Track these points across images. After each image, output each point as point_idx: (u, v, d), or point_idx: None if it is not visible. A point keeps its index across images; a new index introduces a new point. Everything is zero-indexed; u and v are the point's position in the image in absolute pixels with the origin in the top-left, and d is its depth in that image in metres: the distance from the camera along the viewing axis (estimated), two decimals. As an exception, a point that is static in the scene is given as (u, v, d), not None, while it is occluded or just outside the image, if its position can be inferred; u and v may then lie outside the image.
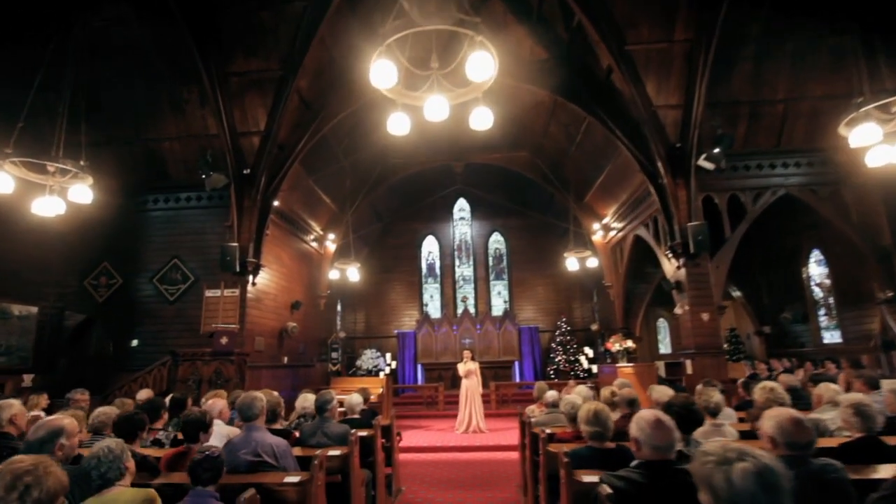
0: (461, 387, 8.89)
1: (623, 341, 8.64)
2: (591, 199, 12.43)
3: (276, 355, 9.35)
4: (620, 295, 11.79)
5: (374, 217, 14.49)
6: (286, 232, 10.31)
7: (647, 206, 9.82)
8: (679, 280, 8.47)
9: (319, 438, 3.58)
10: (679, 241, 8.20)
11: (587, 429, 2.79)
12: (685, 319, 8.30)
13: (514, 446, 7.28)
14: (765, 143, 9.12)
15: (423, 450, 7.36)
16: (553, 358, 14.13)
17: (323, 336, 12.29)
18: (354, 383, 9.38)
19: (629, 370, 8.33)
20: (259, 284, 8.77)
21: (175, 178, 8.98)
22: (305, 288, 11.18)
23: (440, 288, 16.20)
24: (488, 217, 16.44)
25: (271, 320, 9.25)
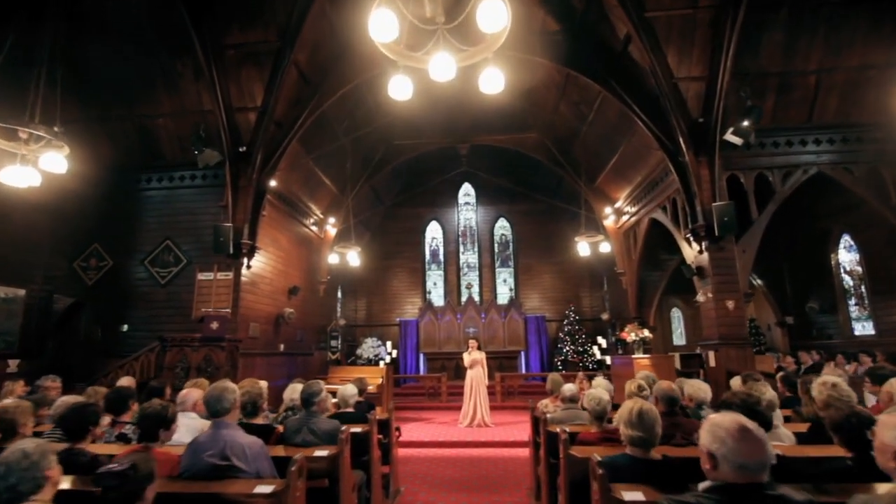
0: (466, 378, 8.45)
1: (639, 331, 8.15)
2: (602, 183, 11.87)
3: (272, 342, 8.94)
4: (634, 282, 11.28)
5: (377, 201, 14.00)
6: (284, 214, 9.85)
7: (664, 188, 9.29)
8: (701, 266, 7.94)
9: (305, 436, 3.13)
10: (702, 222, 7.66)
11: (629, 432, 2.31)
12: (708, 308, 7.78)
13: (521, 443, 6.85)
14: (795, 118, 8.44)
15: (424, 444, 6.94)
16: (561, 348, 13.67)
17: (322, 323, 11.88)
18: (353, 373, 8.97)
19: (645, 362, 7.85)
20: (254, 268, 8.34)
21: (169, 157, 8.52)
22: (304, 273, 10.73)
23: (444, 275, 15.74)
24: (494, 202, 15.90)
25: (267, 306, 8.82)
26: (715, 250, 7.71)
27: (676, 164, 8.11)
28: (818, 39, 7.64)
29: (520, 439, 6.98)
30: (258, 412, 3.28)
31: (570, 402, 4.18)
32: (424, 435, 7.47)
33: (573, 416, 4.05)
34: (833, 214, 10.22)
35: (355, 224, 13.56)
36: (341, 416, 4.10)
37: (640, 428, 2.30)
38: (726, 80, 7.36)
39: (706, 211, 7.67)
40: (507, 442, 6.92)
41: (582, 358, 13.21)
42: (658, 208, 9.64)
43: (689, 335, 13.33)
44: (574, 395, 4.19)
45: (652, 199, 9.93)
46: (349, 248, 10.34)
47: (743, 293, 7.59)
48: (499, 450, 6.73)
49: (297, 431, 3.15)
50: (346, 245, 10.42)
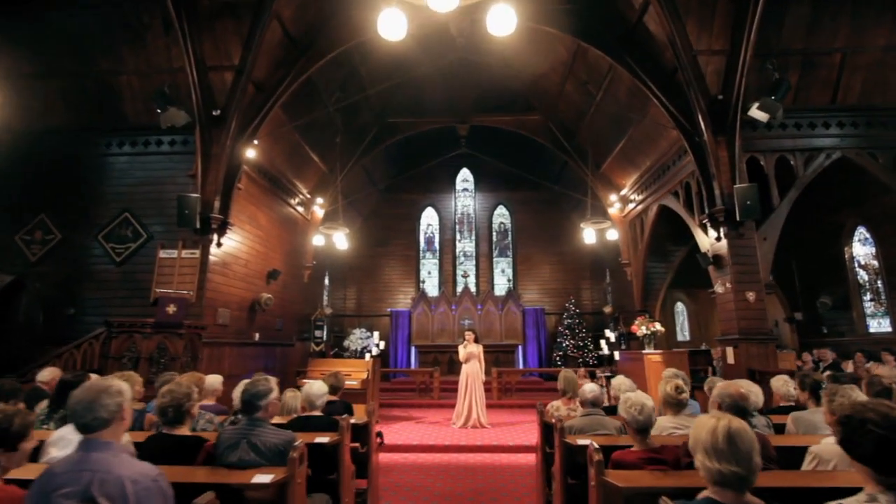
0: (461, 373, 7.64)
1: (650, 324, 7.37)
2: (608, 169, 11.08)
3: (246, 331, 8.08)
4: (640, 273, 10.50)
5: (369, 183, 13.11)
6: (265, 191, 8.95)
7: (676, 172, 8.56)
8: (719, 254, 7.20)
9: (244, 453, 2.28)
10: (721, 206, 6.96)
11: (715, 465, 1.48)
12: (726, 300, 7.06)
13: (522, 448, 6.06)
14: (818, 99, 7.93)
15: (411, 449, 6.12)
16: (560, 343, 12.91)
17: (306, 312, 11.02)
18: (336, 366, 8.11)
19: (656, 357, 7.08)
20: (227, 247, 7.47)
21: (132, 119, 7.58)
22: (286, 256, 9.85)
23: (439, 264, 14.90)
24: (493, 189, 15.06)
25: (241, 290, 7.95)
26: (734, 237, 7.05)
27: (693, 145, 7.42)
28: (845, 16, 7.10)
29: (520, 443, 6.18)
30: (184, 418, 2.43)
31: (592, 405, 3.37)
32: (413, 437, 6.66)
33: (596, 424, 3.24)
34: (848, 206, 9.66)
35: (345, 206, 12.67)
36: (304, 423, 3.26)
37: (734, 459, 1.48)
38: (749, 53, 6.72)
39: (726, 194, 6.98)
40: (507, 447, 6.12)
41: (582, 353, 12.45)
42: (669, 194, 8.90)
43: (693, 331, 12.61)
44: (597, 398, 3.38)
45: (662, 185, 9.18)
46: (336, 228, 9.45)
47: (765, 284, 6.85)
48: (497, 456, 5.92)
49: (232, 447, 2.30)
50: (332, 226, 9.53)
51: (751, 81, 6.99)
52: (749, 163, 7.35)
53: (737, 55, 6.87)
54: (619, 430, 3.25)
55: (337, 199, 10.78)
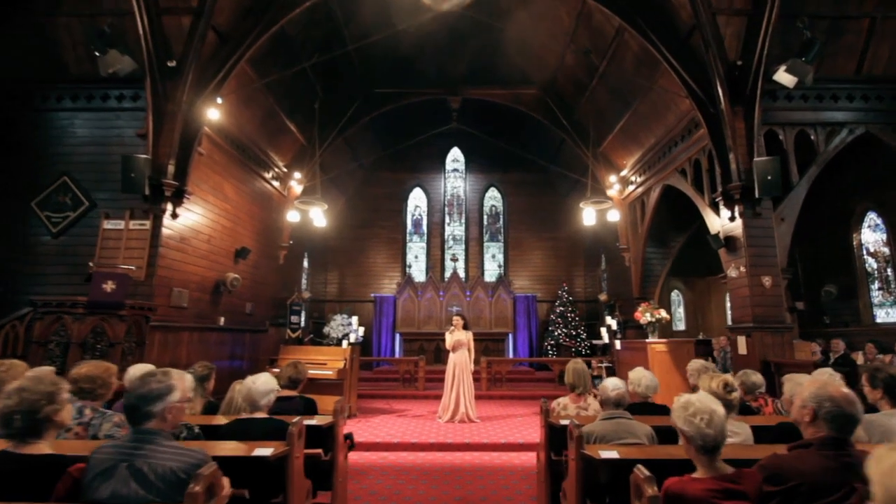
0: (448, 362, 6.92)
1: (655, 311, 6.72)
2: (608, 148, 10.37)
3: (209, 315, 7.24)
4: (639, 259, 9.86)
5: (352, 158, 12.20)
6: (233, 160, 8.05)
7: (684, 149, 7.91)
8: (732, 236, 6.57)
9: (121, 485, 1.51)
10: (738, 183, 6.29)
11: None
12: (739, 286, 6.45)
13: (516, 445, 5.38)
14: (843, 68, 7.32)
15: (391, 447, 5.40)
16: (552, 331, 12.28)
17: (281, 296, 10.19)
18: (310, 353, 7.35)
19: (661, 347, 6.46)
20: (185, 219, 6.61)
21: (73, 69, 6.61)
22: (258, 234, 8.98)
23: (426, 248, 14.12)
24: (485, 170, 14.28)
25: (203, 269, 7.10)
26: (750, 217, 6.41)
27: (707, 116, 6.77)
28: (878, -23, 6.46)
29: (514, 440, 5.50)
30: (41, 429, 1.64)
31: (616, 406, 2.65)
32: (394, 433, 5.93)
33: (622, 431, 2.52)
34: (858, 190, 9.18)
35: (326, 184, 11.78)
36: (242, 428, 2.49)
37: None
38: (774, 13, 6.02)
39: (743, 170, 6.33)
40: (498, 444, 5.43)
41: (575, 342, 11.84)
42: (675, 173, 8.24)
43: (689, 320, 12.08)
44: (622, 397, 2.67)
45: (668, 163, 8.51)
46: (313, 203, 8.59)
47: (782, 269, 6.25)
48: (488, 455, 5.23)
49: (106, 473, 1.52)
50: (309, 200, 8.67)
51: (772, 47, 6.33)
52: (766, 137, 6.73)
53: (760, 15, 6.18)
54: (650, 438, 2.55)
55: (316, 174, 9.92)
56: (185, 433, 2.45)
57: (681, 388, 6.28)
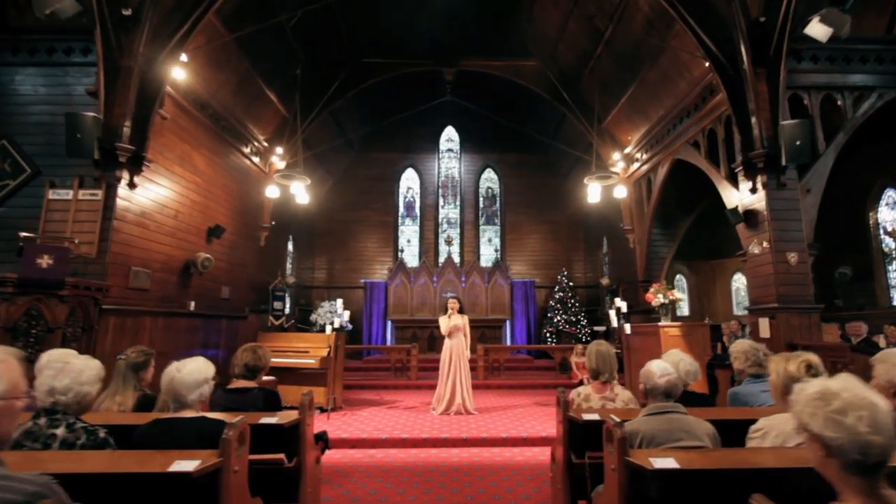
0: (443, 349, 6.28)
1: (668, 292, 6.11)
2: (611, 123, 9.71)
3: (177, 298, 6.54)
4: (645, 240, 9.24)
5: (338, 133, 11.42)
6: (205, 129, 7.31)
7: (697, 119, 7.31)
8: (753, 209, 5.97)
9: None
10: (761, 150, 5.66)
11: None
12: (761, 263, 5.86)
13: (519, 440, 4.78)
14: (872, 28, 6.75)
15: (379, 444, 4.77)
16: (551, 318, 11.69)
17: (263, 280, 9.48)
18: (291, 341, 6.69)
19: (674, 331, 5.86)
20: (146, 190, 5.89)
21: (13, 19, 5.82)
22: (235, 213, 8.26)
23: (419, 231, 13.44)
24: (480, 150, 13.57)
25: (169, 247, 6.38)
26: (774, 188, 5.79)
27: (726, 79, 6.16)
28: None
29: (515, 434, 4.88)
30: None
31: (666, 397, 2.01)
32: (383, 427, 5.30)
33: (677, 429, 1.89)
34: (875, 165, 8.65)
35: (314, 165, 11.05)
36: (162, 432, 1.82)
37: None
38: None
39: (766, 137, 5.70)
40: (498, 439, 4.81)
41: (575, 329, 11.27)
42: (687, 146, 7.62)
43: (693, 305, 11.55)
44: (674, 385, 2.02)
45: (678, 136, 7.89)
46: (294, 177, 7.87)
47: (808, 244, 5.66)
48: (488, 451, 4.61)
49: None
50: (290, 174, 7.94)
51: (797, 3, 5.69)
52: (790, 102, 6.09)
53: (786, -35, 5.56)
54: (713, 440, 1.91)
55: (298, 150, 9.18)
56: (83, 439, 1.79)
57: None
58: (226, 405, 2.48)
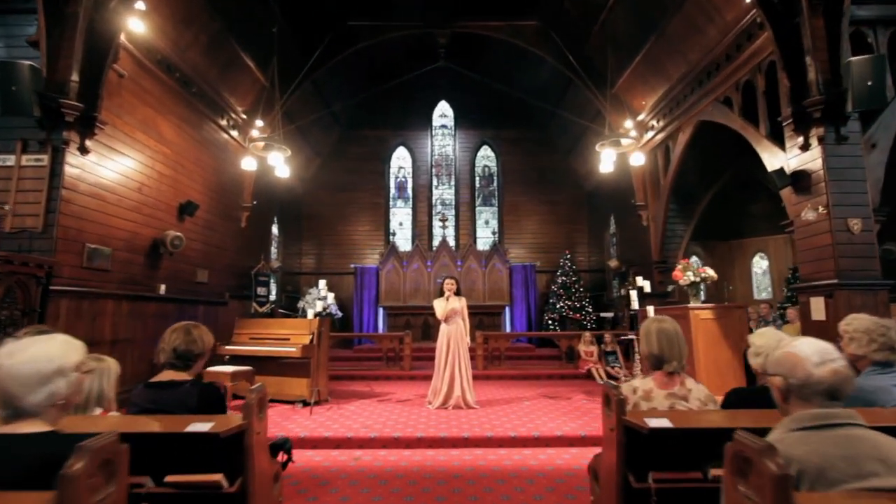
0: (439, 336, 5.66)
1: (699, 269, 5.48)
2: (623, 88, 8.97)
3: (144, 280, 5.86)
4: (661, 216, 8.61)
5: (323, 105, 10.64)
6: (174, 94, 6.58)
7: (726, 75, 6.56)
8: (803, 170, 5.16)
9: None
10: (818, 97, 4.83)
11: None
12: (816, 232, 4.99)
13: (530, 439, 4.18)
14: None
15: (367, 444, 4.16)
16: (553, 304, 11.11)
17: (246, 265, 8.81)
18: (270, 327, 6.04)
19: (707, 314, 5.24)
20: (102, 159, 5.20)
21: (-59, -38, 5.03)
22: (211, 190, 7.56)
23: (412, 213, 12.76)
24: (476, 126, 12.85)
25: (133, 223, 5.69)
26: (833, 143, 4.96)
27: (772, 16, 5.26)
28: None
29: (525, 433, 4.29)
30: None
31: (829, 398, 1.30)
32: (372, 424, 4.69)
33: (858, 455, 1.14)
34: None
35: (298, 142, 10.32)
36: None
37: None
38: None
39: (824, 81, 4.89)
40: (506, 439, 4.22)
41: (580, 315, 10.70)
42: (716, 104, 6.84)
43: (709, 289, 10.97)
44: (844, 380, 1.29)
45: (704, 95, 7.16)
46: (273, 147, 7.15)
47: (874, 209, 4.97)
48: (493, 453, 4.02)
49: None
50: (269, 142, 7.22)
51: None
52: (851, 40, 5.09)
53: None
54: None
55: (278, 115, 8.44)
56: None
57: (731, 363, 5.12)
58: (143, 406, 1.84)
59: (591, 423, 4.64)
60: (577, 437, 4.21)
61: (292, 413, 5.11)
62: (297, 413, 5.11)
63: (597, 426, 4.48)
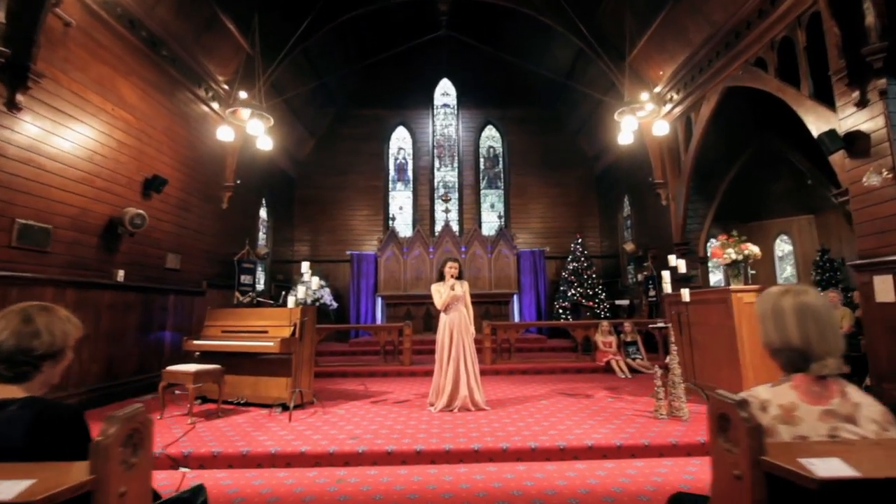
0: (440, 328, 4.85)
1: (741, 245, 4.64)
2: (638, 57, 8.10)
3: (97, 265, 5.07)
4: (682, 194, 7.78)
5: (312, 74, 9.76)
6: (141, 56, 5.77)
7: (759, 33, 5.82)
8: (858, 131, 4.40)
9: None
10: (880, 43, 4.07)
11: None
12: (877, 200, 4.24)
13: (553, 451, 3.37)
14: None
15: (353, 459, 3.36)
16: (564, 292, 10.30)
17: (229, 251, 8.01)
18: (247, 318, 5.24)
19: (751, 297, 4.43)
20: (40, 119, 4.37)
21: None
22: (185, 166, 6.74)
23: (413, 197, 11.93)
24: (480, 104, 11.98)
25: (82, 197, 4.89)
26: None
27: None
28: None
29: (549, 444, 3.48)
30: None
31: None
32: (360, 434, 3.90)
33: None
34: None
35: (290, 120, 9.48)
36: None
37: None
38: None
39: (882, 26, 4.09)
40: (526, 451, 3.41)
41: (594, 303, 9.89)
42: (746, 66, 6.03)
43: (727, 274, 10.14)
44: None
45: (732, 59, 6.36)
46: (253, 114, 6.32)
47: None
48: (510, 468, 3.23)
49: None
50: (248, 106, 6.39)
51: None
52: None
53: None
54: None
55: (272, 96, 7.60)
56: None
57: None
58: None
59: (624, 427, 3.84)
60: (611, 448, 3.41)
61: (268, 420, 4.33)
62: (274, 420, 4.32)
63: (632, 431, 3.69)
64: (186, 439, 3.70)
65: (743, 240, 4.69)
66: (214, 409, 4.58)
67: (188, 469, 3.33)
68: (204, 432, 3.90)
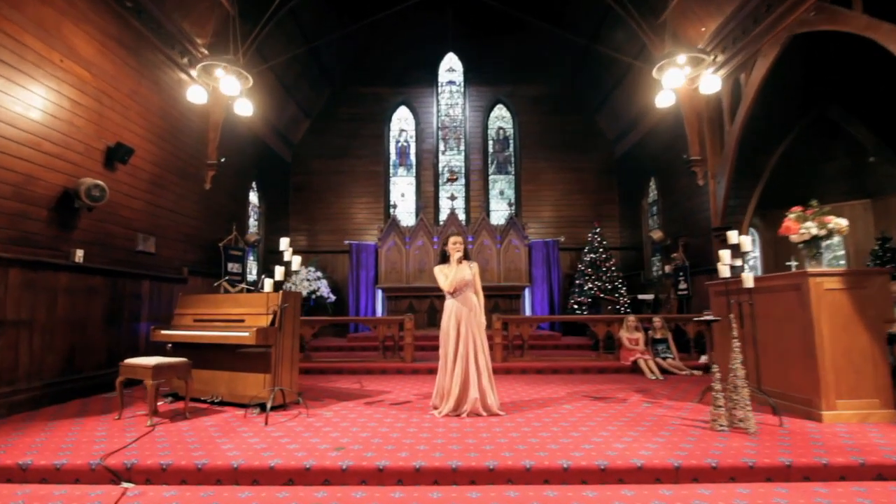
0: (444, 317, 4.08)
1: (823, 217, 3.81)
2: (675, 12, 7.16)
3: (49, 242, 4.35)
4: (726, 171, 6.91)
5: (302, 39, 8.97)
6: (96, 2, 5.01)
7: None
8: None
9: None
10: None
11: None
12: None
13: (593, 472, 2.60)
14: None
15: (336, 478, 2.61)
16: (581, 285, 9.50)
17: (216, 236, 7.30)
18: (222, 306, 4.50)
19: (833, 282, 3.61)
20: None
21: None
22: (157, 136, 6.02)
23: (416, 183, 11.18)
24: (489, 81, 11.19)
25: (27, 163, 4.17)
26: None
27: None
28: None
29: (585, 463, 2.71)
30: None
31: None
32: (348, 443, 3.16)
33: None
34: None
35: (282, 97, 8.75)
36: None
37: None
38: None
39: None
40: (557, 471, 2.65)
41: (616, 297, 9.09)
42: (820, 5, 5.09)
43: (766, 266, 9.31)
44: None
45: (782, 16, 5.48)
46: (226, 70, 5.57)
47: None
48: (534, 493, 2.46)
49: None
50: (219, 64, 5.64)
51: None
52: None
53: None
54: None
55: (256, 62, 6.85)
56: None
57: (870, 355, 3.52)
58: None
59: (676, 441, 3.06)
60: (668, 470, 2.63)
61: (241, 423, 3.59)
62: (249, 423, 3.59)
63: (689, 448, 2.91)
64: (137, 446, 2.98)
65: (826, 211, 3.85)
66: (182, 409, 3.87)
67: (131, 484, 2.63)
68: (161, 438, 3.19)
